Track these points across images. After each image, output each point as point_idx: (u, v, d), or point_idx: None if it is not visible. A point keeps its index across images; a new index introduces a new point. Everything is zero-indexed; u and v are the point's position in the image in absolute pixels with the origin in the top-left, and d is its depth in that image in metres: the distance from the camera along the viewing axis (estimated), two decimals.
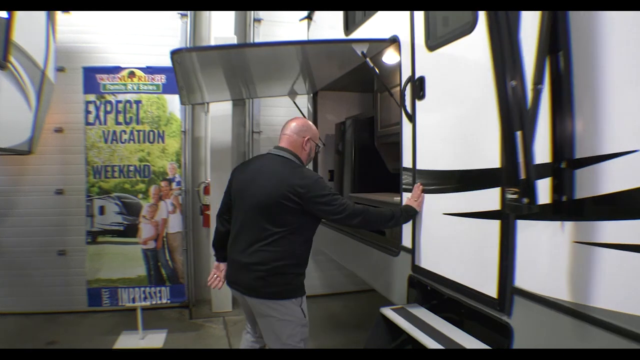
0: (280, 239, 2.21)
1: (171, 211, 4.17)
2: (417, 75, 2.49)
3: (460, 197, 2.13)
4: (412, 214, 2.40)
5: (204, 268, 4.94)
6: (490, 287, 1.92)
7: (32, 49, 3.38)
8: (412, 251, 2.55)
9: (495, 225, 1.89)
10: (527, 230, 1.73)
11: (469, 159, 2.07)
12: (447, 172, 2.25)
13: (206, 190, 4.79)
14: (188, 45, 4.66)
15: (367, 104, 4.87)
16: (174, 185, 4.18)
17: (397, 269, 2.74)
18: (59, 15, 4.17)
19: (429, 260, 2.41)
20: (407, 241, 2.63)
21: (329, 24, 4.18)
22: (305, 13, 4.65)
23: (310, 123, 2.56)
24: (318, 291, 5.32)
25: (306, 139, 2.42)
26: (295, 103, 4.35)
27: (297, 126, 2.44)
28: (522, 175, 1.43)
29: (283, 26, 5.10)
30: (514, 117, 1.42)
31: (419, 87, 2.44)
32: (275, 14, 5.13)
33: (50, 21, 3.82)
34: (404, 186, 2.65)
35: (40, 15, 3.61)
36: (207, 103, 4.79)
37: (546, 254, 1.61)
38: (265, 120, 5.14)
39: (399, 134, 3.51)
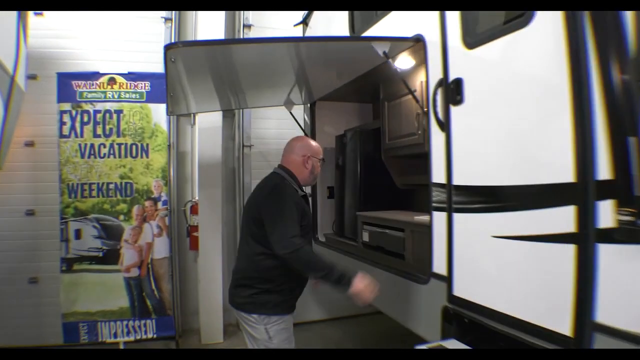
0: (254, 254, 2.27)
1: (157, 234, 3.77)
2: (450, 78, 2.20)
3: (518, 217, 1.83)
4: (343, 284, 2.13)
5: (190, 294, 4.53)
6: (561, 323, 1.62)
7: (0, 53, 2.98)
8: (448, 279, 2.24)
9: (569, 250, 1.59)
10: (614, 256, 1.44)
11: (530, 172, 1.78)
12: (497, 188, 1.95)
13: (193, 210, 4.40)
14: None
15: (365, 115, 4.62)
16: (159, 205, 3.79)
17: (427, 299, 2.45)
18: (31, 17, 3.76)
19: (471, 290, 2.11)
20: (440, 267, 2.32)
21: (327, 30, 3.90)
22: (299, 18, 4.35)
23: (310, 140, 2.54)
24: (314, 316, 4.98)
25: (306, 157, 2.42)
26: (292, 114, 4.03)
27: (295, 145, 2.47)
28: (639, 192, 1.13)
29: (275, 33, 4.79)
30: (626, 120, 1.13)
31: (454, 90, 2.16)
32: (267, 19, 4.83)
33: (21, 23, 3.42)
34: (434, 204, 2.34)
35: (10, 16, 3.21)
36: (194, 114, 4.43)
37: None
38: (257, 134, 4.80)
39: (411, 146, 3.30)
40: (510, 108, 1.88)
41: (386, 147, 3.63)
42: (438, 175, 2.33)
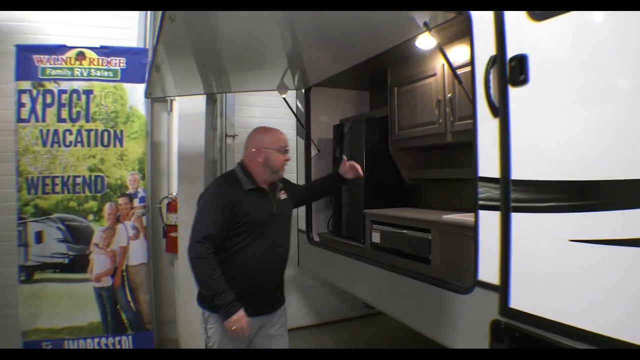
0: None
1: (133, 236, 3.33)
2: (509, 54, 1.89)
3: (609, 218, 1.54)
4: (221, 313, 2.09)
5: (166, 302, 4.04)
6: None
7: None
8: (502, 289, 1.94)
9: None
10: None
11: (627, 166, 1.49)
12: (577, 183, 1.65)
13: (170, 207, 3.94)
14: (150, 26, 3.78)
15: (362, 103, 4.34)
16: (135, 202, 3.32)
17: (469, 311, 2.15)
18: None
19: (537, 302, 1.81)
20: (488, 275, 2.02)
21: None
22: None
23: (264, 130, 2.42)
24: (304, 322, 4.68)
25: (257, 150, 2.31)
26: (285, 101, 3.64)
27: (248, 138, 2.41)
28: None
29: None
30: None
31: (516, 69, 1.85)
32: None
33: None
34: (481, 202, 2.04)
35: None
36: (170, 100, 3.96)
37: None
38: (241, 122, 4.39)
39: (428, 137, 3.00)
40: (601, 92, 1.59)
41: (395, 137, 3.34)
42: (487, 168, 2.02)
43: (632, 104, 1.47)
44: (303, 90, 3.99)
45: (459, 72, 2.71)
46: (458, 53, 2.75)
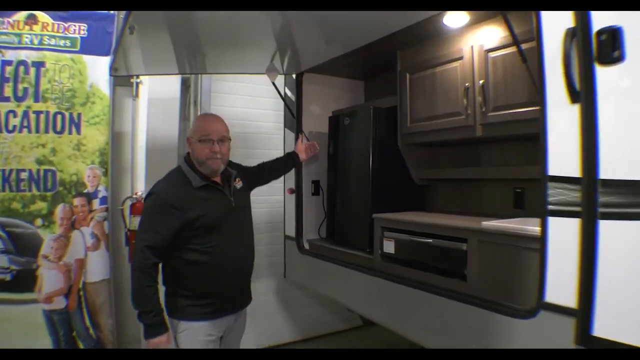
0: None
1: (91, 247, 2.90)
2: (594, 28, 1.63)
3: None
4: (147, 332, 2.04)
5: (129, 322, 3.53)
6: None
7: None
8: (582, 313, 1.67)
9: None
10: None
11: None
12: None
13: (135, 209, 3.46)
14: None
15: (356, 93, 4.06)
16: (95, 203, 2.84)
17: (532, 340, 1.86)
18: None
19: (630, 330, 1.54)
20: (561, 296, 1.75)
21: None
22: None
23: (196, 118, 2.51)
24: (286, 338, 4.36)
25: (188, 139, 2.27)
26: (275, 86, 3.26)
27: None
28: None
29: None
30: None
31: (608, 44, 1.58)
32: None
33: None
34: (551, 206, 1.76)
35: None
36: (136, 83, 3.48)
37: None
38: (218, 112, 3.87)
39: (452, 130, 2.71)
40: None
41: (406, 131, 3.06)
42: (563, 165, 1.75)
43: None
44: (294, 76, 3.62)
45: (498, 53, 2.46)
46: (491, 32, 2.47)
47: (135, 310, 2.05)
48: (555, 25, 1.77)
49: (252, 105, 4.03)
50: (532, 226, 2.13)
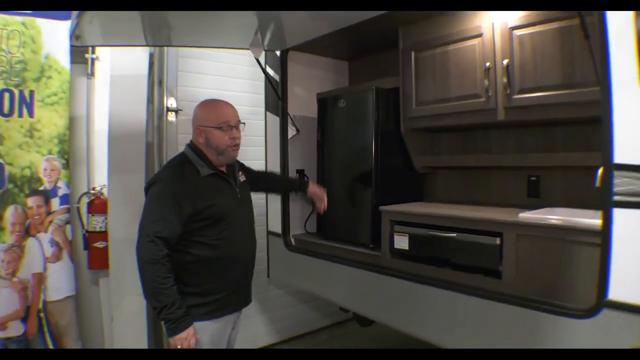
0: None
1: (52, 257, 2.55)
2: None
3: None
4: (168, 329, 2.02)
5: (93, 340, 3.22)
6: None
7: None
8: None
9: None
10: None
11: None
12: None
13: (93, 207, 3.14)
14: None
15: (340, 75, 3.95)
16: (55, 203, 2.52)
17: (591, 340, 1.84)
18: None
19: None
20: (628, 293, 1.72)
21: None
22: None
23: (204, 105, 2.34)
24: (264, 341, 4.25)
25: (198, 129, 2.26)
26: (260, 64, 3.06)
27: (192, 115, 2.35)
28: None
29: None
30: None
31: None
32: None
33: None
34: (617, 197, 1.73)
35: None
36: (92, 60, 3.13)
37: None
38: (186, 94, 3.71)
39: (468, 114, 2.65)
40: None
41: (411, 115, 3.01)
42: (631, 153, 1.72)
43: None
44: (277, 53, 3.41)
45: (525, 31, 2.40)
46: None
47: (154, 308, 2.02)
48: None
49: (223, 87, 3.79)
50: (576, 217, 2.12)
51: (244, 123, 2.31)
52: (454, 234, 2.46)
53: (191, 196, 2.07)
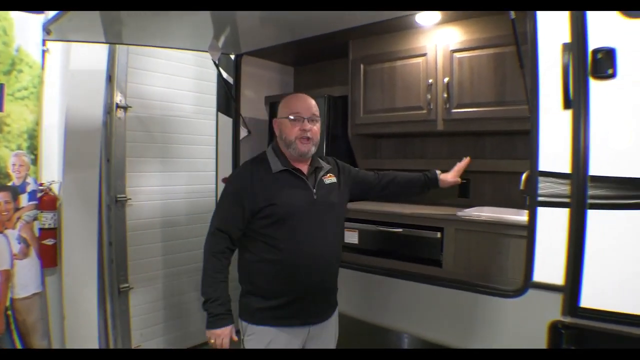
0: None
1: (20, 254, 2.58)
2: (590, 47, 2.06)
3: None
4: (207, 320, 2.06)
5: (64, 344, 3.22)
6: None
7: None
8: (570, 289, 2.10)
9: None
10: None
11: None
12: None
13: (43, 204, 3.16)
14: None
15: (286, 79, 4.20)
16: (23, 199, 2.58)
17: (519, 316, 2.25)
18: None
19: (619, 298, 1.98)
20: (549, 276, 2.15)
21: None
22: None
23: (283, 98, 2.29)
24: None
25: (275, 121, 2.24)
26: (217, 66, 3.25)
27: None
28: None
29: None
30: None
31: (604, 62, 2.02)
32: None
33: None
34: (542, 198, 2.16)
35: None
36: (43, 51, 3.15)
37: None
38: (135, 91, 3.75)
39: (411, 124, 3.04)
40: None
41: (359, 122, 3.32)
42: (552, 162, 2.14)
43: None
44: (232, 56, 3.62)
45: (464, 54, 2.82)
46: (455, 33, 2.84)
47: (201, 298, 2.05)
48: (551, 43, 2.14)
49: (173, 85, 3.89)
50: (503, 214, 2.58)
51: (319, 117, 2.20)
52: (400, 229, 2.83)
53: (253, 191, 2.05)
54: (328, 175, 2.23)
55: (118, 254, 3.54)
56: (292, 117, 2.11)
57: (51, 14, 2.41)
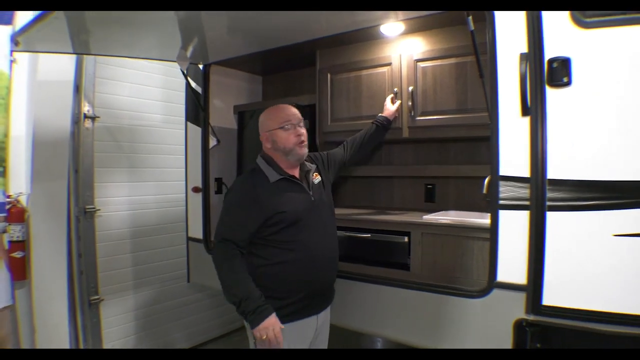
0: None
1: None
2: (547, 56, 2.12)
3: None
4: (249, 320, 2.07)
5: None
6: None
7: None
8: (533, 288, 2.16)
9: None
10: None
11: None
12: (626, 183, 1.96)
13: (11, 216, 3.08)
14: None
15: (254, 88, 4.18)
16: None
17: (485, 315, 2.29)
18: None
19: (577, 295, 2.05)
20: (512, 276, 2.21)
21: None
22: None
23: (266, 111, 2.33)
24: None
25: (264, 135, 2.28)
26: (185, 75, 3.23)
27: (258, 125, 2.33)
28: None
29: None
30: None
31: (560, 71, 2.09)
32: None
33: None
34: (503, 201, 2.21)
35: None
36: (11, 61, 3.08)
37: None
38: (103, 100, 3.68)
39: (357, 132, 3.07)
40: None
41: (326, 130, 3.35)
42: (513, 166, 2.20)
43: None
44: (200, 66, 3.59)
45: (427, 64, 2.88)
46: (418, 44, 2.89)
47: (233, 304, 2.06)
48: (508, 49, 2.20)
49: (140, 95, 3.84)
50: (467, 218, 2.64)
51: (307, 120, 2.36)
52: (368, 235, 2.86)
53: (260, 201, 2.12)
54: (315, 175, 2.35)
55: (88, 266, 3.46)
56: (286, 127, 2.20)
57: (19, 24, 2.34)
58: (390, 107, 2.90)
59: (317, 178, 2.36)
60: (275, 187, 2.17)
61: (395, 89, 2.95)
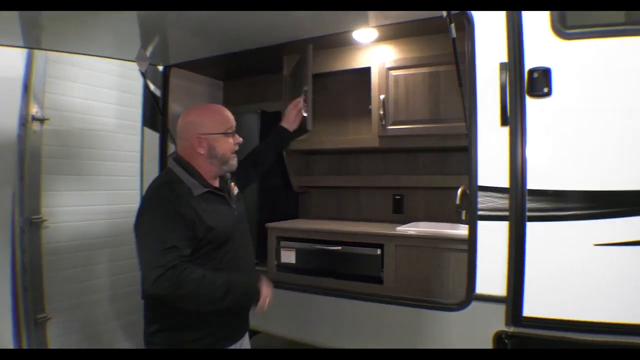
0: None
1: None
2: (527, 66, 2.11)
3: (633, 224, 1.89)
4: (250, 299, 1.89)
5: None
6: None
7: None
8: (513, 299, 2.13)
9: None
10: None
11: None
12: (606, 193, 1.97)
13: None
14: None
15: (216, 93, 4.04)
16: None
17: (464, 328, 2.24)
18: None
19: (559, 306, 2.03)
20: (491, 287, 2.17)
21: None
22: None
23: (200, 110, 1.99)
24: None
25: (197, 138, 1.89)
26: (144, 76, 3.05)
27: (181, 124, 1.97)
28: None
29: None
30: None
31: (540, 81, 2.09)
32: None
33: None
34: (481, 212, 2.17)
35: None
36: None
37: None
38: (54, 102, 3.40)
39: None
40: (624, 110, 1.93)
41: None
42: (491, 177, 2.16)
43: None
44: (161, 68, 3.40)
45: (399, 72, 2.83)
46: (391, 52, 2.85)
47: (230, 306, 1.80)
48: (487, 59, 2.18)
49: (95, 97, 3.58)
50: (440, 229, 2.59)
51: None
52: (339, 247, 2.75)
53: (188, 220, 1.76)
54: (233, 185, 2.10)
55: (34, 281, 3.17)
56: (228, 132, 1.94)
57: None
58: (289, 114, 2.55)
59: (235, 188, 2.11)
60: (200, 201, 1.84)
61: (305, 87, 2.68)
